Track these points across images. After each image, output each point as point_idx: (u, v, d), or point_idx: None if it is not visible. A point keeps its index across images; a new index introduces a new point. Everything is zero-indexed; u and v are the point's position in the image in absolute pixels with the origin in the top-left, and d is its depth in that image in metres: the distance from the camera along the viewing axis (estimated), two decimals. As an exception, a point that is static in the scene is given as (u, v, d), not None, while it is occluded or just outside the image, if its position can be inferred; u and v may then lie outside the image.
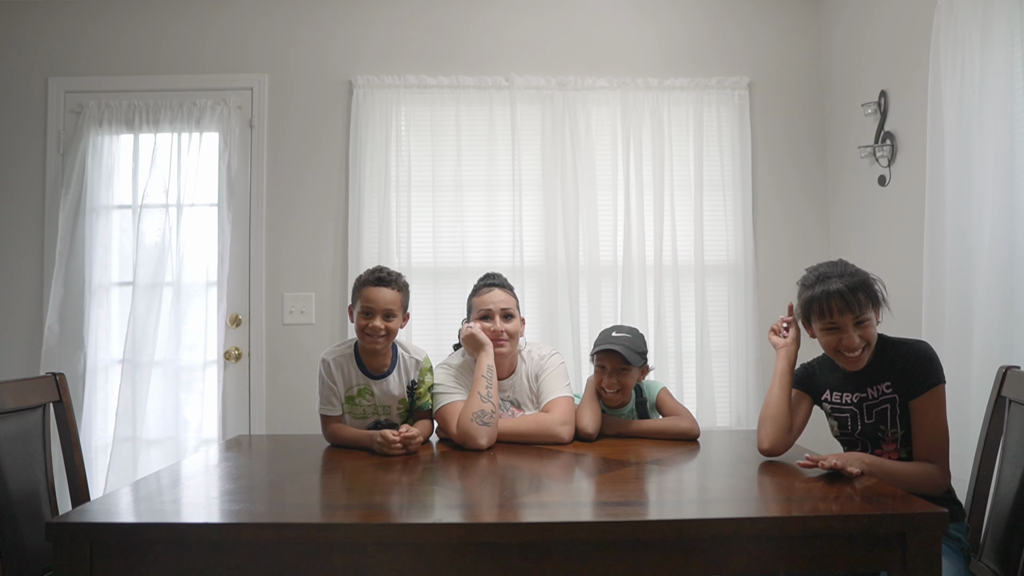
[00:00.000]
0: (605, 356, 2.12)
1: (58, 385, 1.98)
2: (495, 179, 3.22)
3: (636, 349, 2.12)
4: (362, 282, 2.08)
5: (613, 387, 2.13)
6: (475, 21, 3.32)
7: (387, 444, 1.88)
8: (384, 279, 2.07)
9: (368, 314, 2.03)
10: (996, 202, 2.11)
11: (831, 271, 1.76)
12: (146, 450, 3.07)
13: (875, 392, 1.76)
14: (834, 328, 1.72)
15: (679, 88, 3.26)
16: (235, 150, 3.20)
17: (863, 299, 1.70)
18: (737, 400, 3.20)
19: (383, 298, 2.03)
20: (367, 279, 2.08)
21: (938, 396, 1.69)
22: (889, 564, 1.28)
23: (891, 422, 1.75)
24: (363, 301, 2.04)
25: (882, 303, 1.76)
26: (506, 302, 2.16)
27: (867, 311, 1.70)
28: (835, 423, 1.86)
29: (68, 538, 1.26)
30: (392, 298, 2.05)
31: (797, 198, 3.34)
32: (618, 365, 2.12)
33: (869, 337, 1.71)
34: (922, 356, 1.71)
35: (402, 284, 2.10)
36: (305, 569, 1.26)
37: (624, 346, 2.10)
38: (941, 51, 2.34)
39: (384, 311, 2.03)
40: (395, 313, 2.06)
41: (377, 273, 2.09)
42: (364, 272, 2.12)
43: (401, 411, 2.15)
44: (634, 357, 2.10)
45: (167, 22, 3.27)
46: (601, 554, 1.27)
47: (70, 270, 3.11)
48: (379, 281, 2.06)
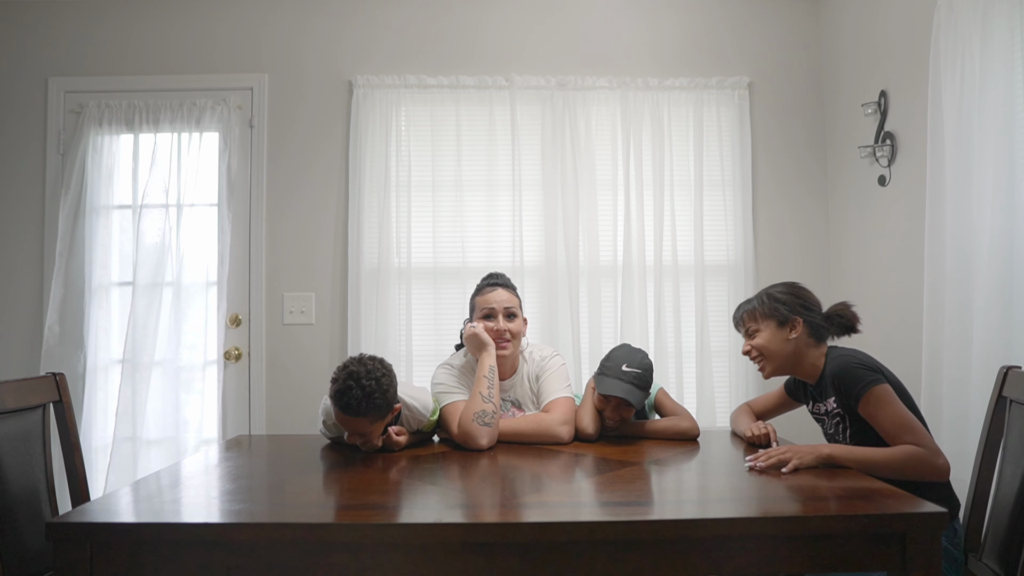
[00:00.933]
0: (611, 396, 2.05)
1: (58, 385, 1.98)
2: (495, 179, 3.23)
3: (644, 386, 2.07)
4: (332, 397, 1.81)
5: (614, 420, 2.10)
6: (475, 21, 3.32)
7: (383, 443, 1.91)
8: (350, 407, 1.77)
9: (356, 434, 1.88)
10: (996, 202, 2.11)
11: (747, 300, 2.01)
12: (146, 450, 3.07)
13: (829, 407, 1.86)
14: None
15: (679, 88, 3.26)
16: (235, 150, 3.20)
17: (749, 315, 1.94)
18: (737, 400, 3.19)
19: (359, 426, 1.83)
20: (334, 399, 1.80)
21: (875, 397, 1.70)
22: (889, 564, 1.28)
23: (842, 435, 1.84)
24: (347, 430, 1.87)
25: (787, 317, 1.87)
26: (509, 301, 2.16)
27: (754, 322, 1.92)
28: (820, 428, 1.97)
29: (68, 538, 1.26)
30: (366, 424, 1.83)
31: (797, 198, 3.34)
32: (622, 405, 2.08)
33: (760, 347, 1.90)
34: (837, 372, 1.78)
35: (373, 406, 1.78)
36: (305, 569, 1.26)
37: (633, 386, 2.03)
38: (941, 51, 2.34)
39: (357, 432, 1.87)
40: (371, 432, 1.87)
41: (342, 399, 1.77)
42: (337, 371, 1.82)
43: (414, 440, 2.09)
44: (639, 400, 2.05)
45: (167, 22, 3.27)
46: (601, 554, 1.27)
47: (70, 270, 3.11)
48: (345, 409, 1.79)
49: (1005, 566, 1.62)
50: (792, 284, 1.96)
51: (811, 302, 1.91)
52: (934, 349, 2.33)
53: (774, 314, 1.89)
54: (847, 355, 1.80)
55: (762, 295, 1.95)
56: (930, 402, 2.33)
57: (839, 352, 1.83)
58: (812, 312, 1.89)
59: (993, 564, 1.67)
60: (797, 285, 1.95)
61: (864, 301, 1.91)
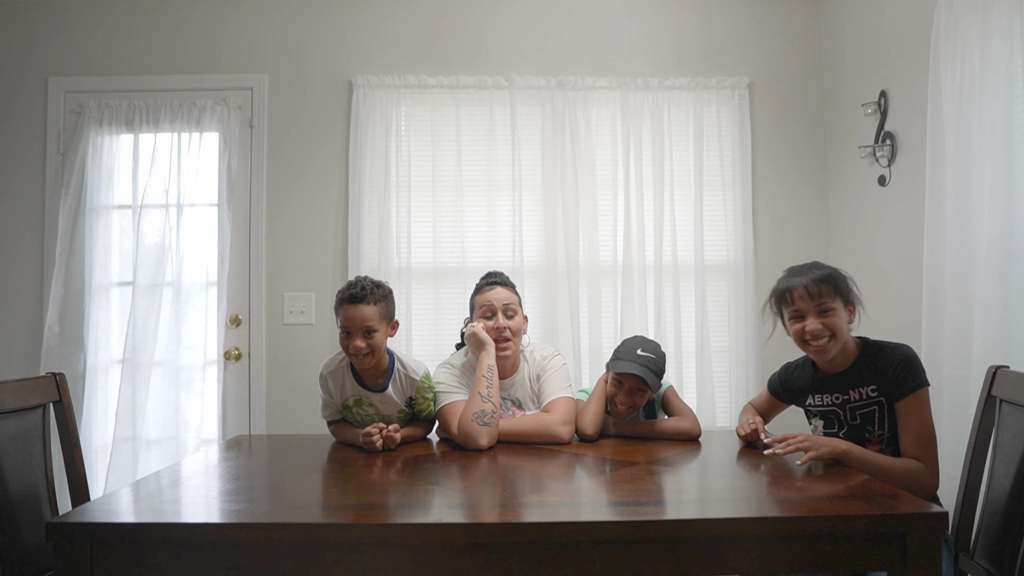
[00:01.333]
0: (625, 375, 2.09)
1: (58, 385, 1.98)
2: (495, 179, 3.23)
3: (658, 371, 2.10)
4: (339, 300, 1.98)
5: (626, 404, 2.11)
6: (475, 21, 3.32)
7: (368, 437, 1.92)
8: (357, 295, 1.94)
9: (348, 334, 1.96)
10: (996, 202, 2.10)
11: (800, 268, 1.85)
12: (146, 450, 3.07)
13: (858, 395, 1.81)
14: (799, 316, 1.80)
15: (679, 88, 3.27)
16: (235, 150, 3.20)
17: (825, 288, 1.78)
18: (737, 400, 3.19)
19: (360, 316, 1.93)
20: (342, 296, 1.97)
21: (922, 398, 1.73)
22: (889, 564, 1.28)
23: (878, 424, 1.80)
24: (342, 320, 1.96)
25: (852, 299, 1.82)
26: (508, 299, 2.16)
27: (830, 300, 1.77)
28: (821, 422, 1.92)
29: (68, 538, 1.26)
30: (370, 314, 1.94)
31: (797, 198, 3.34)
32: (636, 385, 2.10)
33: (833, 327, 1.77)
34: (904, 360, 1.75)
35: (380, 296, 1.98)
36: (305, 569, 1.26)
37: (648, 369, 2.06)
38: (941, 51, 2.34)
39: (363, 329, 1.94)
40: (375, 328, 1.95)
41: (350, 289, 1.96)
42: (342, 287, 2.02)
43: (402, 418, 2.14)
44: (655, 382, 2.07)
45: (167, 22, 3.27)
46: (601, 554, 1.27)
47: (70, 270, 3.11)
48: (352, 299, 1.94)
49: (998, 565, 1.62)
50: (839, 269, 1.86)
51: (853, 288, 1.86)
52: (933, 349, 2.33)
53: (847, 295, 1.80)
54: (901, 344, 1.79)
55: (829, 270, 1.82)
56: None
57: (894, 344, 1.80)
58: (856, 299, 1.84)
59: (985, 563, 1.67)
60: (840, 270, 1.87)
61: (864, 301, 1.89)
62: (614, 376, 2.13)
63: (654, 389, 2.09)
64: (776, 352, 3.22)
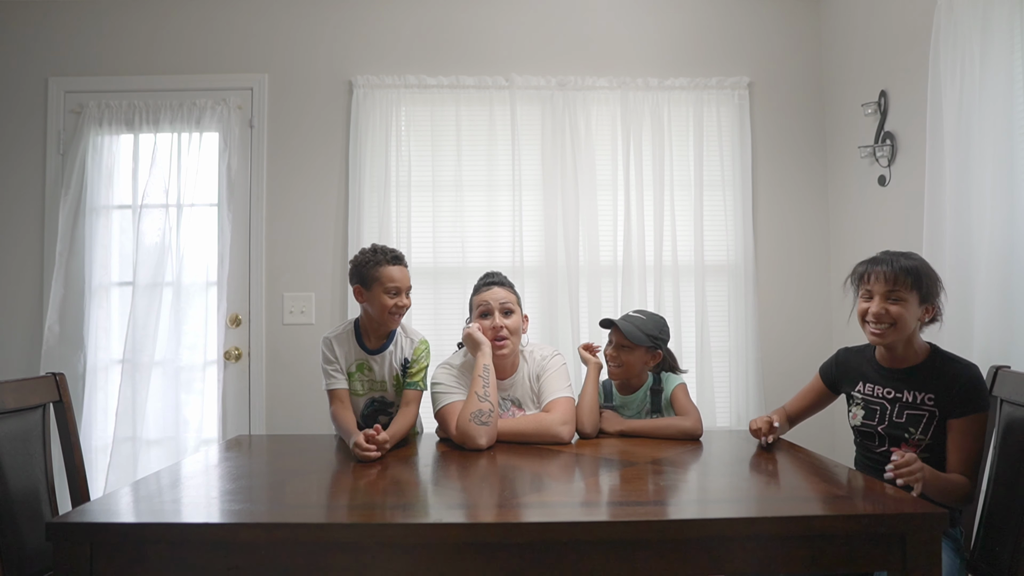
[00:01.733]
0: (613, 330, 2.21)
1: (58, 385, 1.98)
2: (495, 179, 3.23)
3: (644, 330, 2.16)
4: (377, 262, 2.13)
5: (615, 360, 2.20)
6: (475, 21, 3.32)
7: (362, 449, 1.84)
8: (399, 256, 2.18)
9: (395, 293, 2.13)
10: (996, 202, 2.10)
11: (893, 253, 1.83)
12: (146, 450, 3.07)
13: (912, 397, 1.78)
14: (868, 296, 1.81)
15: (679, 88, 3.27)
16: (235, 150, 3.20)
17: (903, 278, 1.75)
18: (737, 400, 3.20)
19: (404, 276, 2.16)
20: (386, 258, 2.14)
21: (980, 423, 1.71)
22: (889, 564, 1.28)
23: (922, 430, 1.76)
24: (387, 280, 2.11)
25: (931, 299, 1.78)
26: (505, 298, 2.16)
27: (904, 290, 1.75)
28: (861, 412, 1.88)
29: (68, 538, 1.26)
30: (407, 276, 2.19)
31: (797, 198, 3.34)
32: (621, 340, 2.18)
33: (898, 316, 1.74)
34: (972, 380, 1.73)
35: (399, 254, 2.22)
36: (305, 569, 1.26)
37: (630, 323, 2.17)
38: (941, 51, 2.34)
39: (407, 288, 2.17)
40: (410, 288, 2.19)
41: (391, 252, 2.17)
42: (367, 252, 2.18)
43: (396, 387, 2.23)
44: (636, 336, 2.15)
45: (167, 22, 3.27)
46: (601, 554, 1.27)
47: (70, 270, 3.11)
48: (396, 259, 2.16)
49: (998, 565, 1.62)
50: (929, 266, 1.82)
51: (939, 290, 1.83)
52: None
53: (928, 290, 1.77)
54: (970, 364, 1.77)
55: (917, 262, 1.78)
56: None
57: (965, 361, 1.78)
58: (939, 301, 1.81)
59: (986, 563, 1.67)
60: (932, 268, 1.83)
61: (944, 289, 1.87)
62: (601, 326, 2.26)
63: (635, 342, 2.16)
64: (777, 352, 3.24)
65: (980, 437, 1.71)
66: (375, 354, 2.20)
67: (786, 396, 2.28)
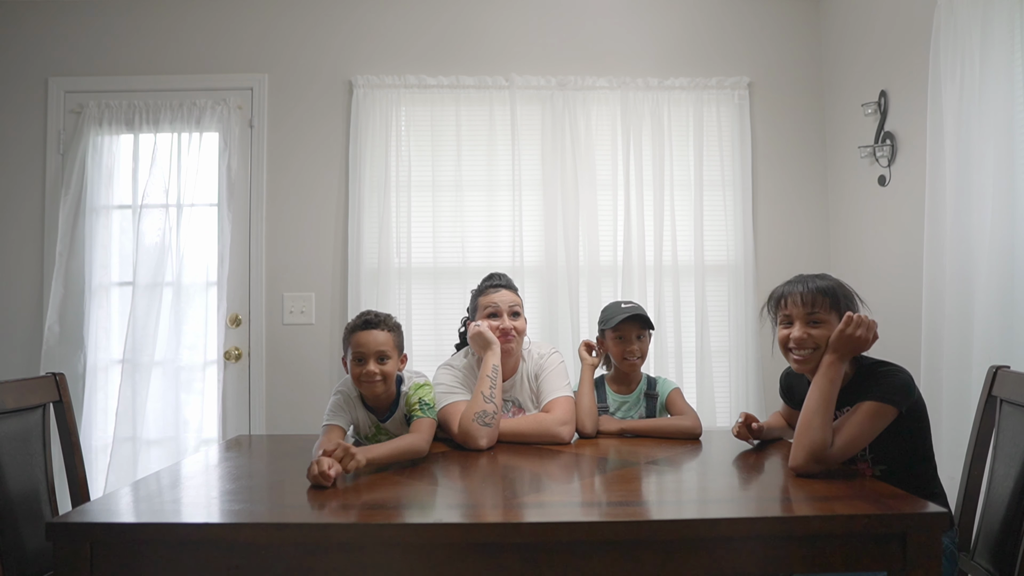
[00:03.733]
0: (624, 325, 2.18)
1: (58, 385, 1.98)
2: (495, 179, 3.23)
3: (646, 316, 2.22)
4: (349, 329, 1.95)
5: (635, 354, 2.19)
6: (475, 21, 3.32)
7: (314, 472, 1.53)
8: (371, 321, 1.93)
9: (361, 360, 1.90)
10: (996, 202, 2.10)
11: (806, 276, 1.77)
12: (146, 450, 3.07)
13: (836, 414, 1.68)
14: (788, 322, 1.74)
15: (679, 88, 3.27)
16: (235, 150, 3.20)
17: (821, 299, 1.69)
18: (737, 400, 3.20)
19: (374, 340, 1.90)
20: (354, 325, 1.95)
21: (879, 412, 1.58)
22: (889, 564, 1.28)
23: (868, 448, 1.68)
24: (353, 347, 1.91)
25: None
26: (513, 301, 2.17)
27: (823, 312, 1.69)
28: None
29: (68, 538, 1.26)
30: (383, 339, 1.91)
31: (797, 198, 3.34)
32: (638, 331, 2.19)
33: (820, 340, 1.67)
34: (886, 374, 1.65)
35: (392, 324, 1.97)
36: (305, 569, 1.26)
37: (642, 312, 2.20)
38: (941, 51, 2.34)
39: (376, 354, 1.90)
40: (389, 355, 1.92)
41: (364, 316, 1.96)
42: (352, 319, 2.00)
43: None
44: (648, 319, 2.20)
45: (167, 22, 3.27)
46: (601, 554, 1.27)
47: (70, 270, 3.11)
48: (366, 324, 1.93)
49: (999, 565, 1.62)
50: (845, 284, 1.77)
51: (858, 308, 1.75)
52: (933, 349, 2.33)
53: (846, 309, 1.69)
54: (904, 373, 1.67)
55: (831, 283, 1.73)
56: (930, 403, 2.30)
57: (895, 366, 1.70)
58: None
59: (986, 563, 1.67)
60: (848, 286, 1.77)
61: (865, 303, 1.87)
62: (613, 335, 2.21)
63: (653, 327, 2.22)
64: (779, 353, 3.23)
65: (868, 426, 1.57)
66: (386, 421, 2.01)
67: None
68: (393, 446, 1.74)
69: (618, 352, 2.21)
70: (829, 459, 1.56)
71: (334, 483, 1.52)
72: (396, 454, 1.73)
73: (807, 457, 1.56)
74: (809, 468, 1.56)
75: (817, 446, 1.55)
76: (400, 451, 1.75)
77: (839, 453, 1.57)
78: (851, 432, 1.58)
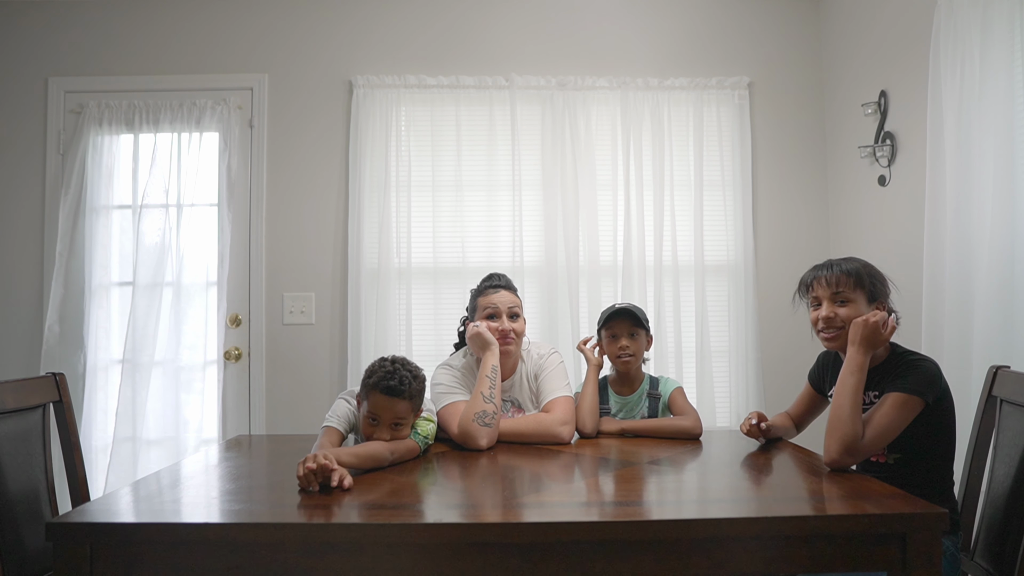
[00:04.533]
0: (615, 321, 2.18)
1: (58, 385, 1.98)
2: (495, 179, 3.23)
3: (642, 315, 2.20)
4: (373, 384, 1.75)
5: (627, 351, 2.17)
6: (475, 21, 3.32)
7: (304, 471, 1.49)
8: (395, 389, 1.73)
9: (375, 420, 1.76)
10: (996, 202, 2.11)
11: (834, 260, 1.83)
12: (146, 450, 3.07)
13: (867, 399, 1.73)
14: (816, 303, 1.81)
15: (679, 88, 3.27)
16: (235, 150, 3.20)
17: (846, 279, 1.76)
18: (737, 400, 3.20)
19: (392, 410, 1.75)
20: (378, 381, 1.74)
21: (908, 403, 1.61)
22: (889, 564, 1.28)
23: None
24: (371, 406, 1.75)
25: (879, 296, 1.77)
26: (512, 302, 2.17)
27: (848, 291, 1.75)
28: None
29: (68, 538, 1.26)
30: (403, 409, 1.77)
31: (797, 198, 3.34)
32: (629, 329, 2.18)
33: (847, 317, 1.74)
34: (912, 363, 1.69)
35: (416, 390, 1.78)
36: (305, 569, 1.26)
37: (632, 309, 2.19)
38: (941, 51, 2.34)
39: (392, 421, 1.77)
40: (403, 423, 1.79)
41: (389, 379, 1.73)
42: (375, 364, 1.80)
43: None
44: (643, 317, 2.19)
45: (167, 22, 3.27)
46: (601, 554, 1.27)
47: (70, 270, 3.11)
48: (389, 391, 1.73)
49: (999, 565, 1.62)
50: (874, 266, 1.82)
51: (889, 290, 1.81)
52: (933, 349, 2.33)
53: (874, 288, 1.76)
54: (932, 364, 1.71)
55: (859, 264, 1.78)
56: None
57: (922, 355, 1.74)
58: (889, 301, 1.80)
59: (986, 563, 1.67)
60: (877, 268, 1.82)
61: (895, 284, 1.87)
62: (607, 332, 2.21)
63: (645, 326, 2.19)
64: (777, 353, 3.24)
65: (893, 414, 1.61)
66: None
67: (786, 396, 2.29)
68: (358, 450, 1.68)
69: (611, 351, 2.21)
70: (862, 451, 1.60)
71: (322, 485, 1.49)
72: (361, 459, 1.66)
73: (841, 450, 1.60)
74: (844, 461, 1.60)
75: (849, 438, 1.59)
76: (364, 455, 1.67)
77: (870, 445, 1.61)
78: (880, 424, 1.62)
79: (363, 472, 1.64)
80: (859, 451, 1.60)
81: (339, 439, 1.80)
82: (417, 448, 1.83)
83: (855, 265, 1.79)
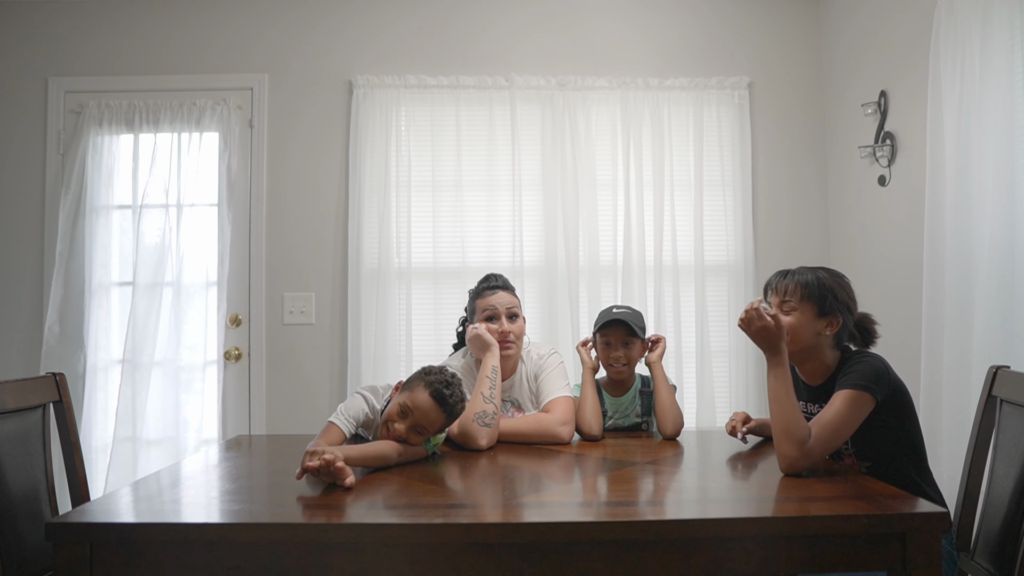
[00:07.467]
0: (610, 329, 2.15)
1: (58, 385, 1.98)
2: (495, 179, 3.23)
3: (637, 324, 2.17)
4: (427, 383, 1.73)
5: (620, 360, 2.16)
6: (475, 21, 3.32)
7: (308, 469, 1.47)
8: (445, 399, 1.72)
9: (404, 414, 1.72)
10: (996, 202, 2.11)
11: (806, 268, 1.81)
12: (146, 450, 3.07)
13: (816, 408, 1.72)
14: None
15: (679, 88, 3.27)
16: (235, 150, 3.21)
17: (795, 289, 1.74)
18: (737, 400, 3.20)
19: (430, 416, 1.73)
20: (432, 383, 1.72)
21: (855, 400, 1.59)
22: (889, 564, 1.28)
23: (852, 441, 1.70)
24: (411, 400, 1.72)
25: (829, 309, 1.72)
26: (511, 303, 2.16)
27: (793, 300, 1.73)
28: None
29: (68, 538, 1.26)
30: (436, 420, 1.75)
31: (797, 198, 3.34)
32: (623, 338, 2.15)
33: (788, 327, 1.68)
34: (859, 362, 1.67)
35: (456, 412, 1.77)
36: (305, 569, 1.26)
37: (627, 319, 2.15)
38: (941, 51, 2.34)
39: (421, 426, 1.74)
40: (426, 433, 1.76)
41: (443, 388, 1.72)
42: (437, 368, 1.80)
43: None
44: (635, 321, 2.16)
45: (167, 22, 3.27)
46: (601, 554, 1.27)
47: (70, 270, 3.11)
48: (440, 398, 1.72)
49: (999, 565, 1.62)
50: (842, 276, 1.79)
51: (854, 303, 1.78)
52: (933, 349, 2.33)
53: (821, 301, 1.72)
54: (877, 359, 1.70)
55: (816, 276, 1.75)
56: (929, 402, 2.33)
57: (869, 352, 1.74)
58: (851, 315, 1.76)
59: (986, 563, 1.67)
60: (846, 279, 1.79)
61: (863, 301, 1.88)
62: (601, 338, 2.19)
63: (640, 335, 2.16)
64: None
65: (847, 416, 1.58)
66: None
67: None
68: (365, 449, 1.66)
69: (604, 357, 2.19)
70: (813, 453, 1.55)
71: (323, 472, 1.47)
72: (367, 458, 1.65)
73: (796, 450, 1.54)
74: (798, 464, 1.54)
75: (802, 437, 1.54)
76: (370, 455, 1.67)
77: (824, 445, 1.56)
78: (832, 422, 1.58)
79: (366, 471, 1.64)
80: (810, 453, 1.54)
81: (339, 439, 1.73)
82: (424, 454, 1.83)
83: (812, 277, 1.75)
